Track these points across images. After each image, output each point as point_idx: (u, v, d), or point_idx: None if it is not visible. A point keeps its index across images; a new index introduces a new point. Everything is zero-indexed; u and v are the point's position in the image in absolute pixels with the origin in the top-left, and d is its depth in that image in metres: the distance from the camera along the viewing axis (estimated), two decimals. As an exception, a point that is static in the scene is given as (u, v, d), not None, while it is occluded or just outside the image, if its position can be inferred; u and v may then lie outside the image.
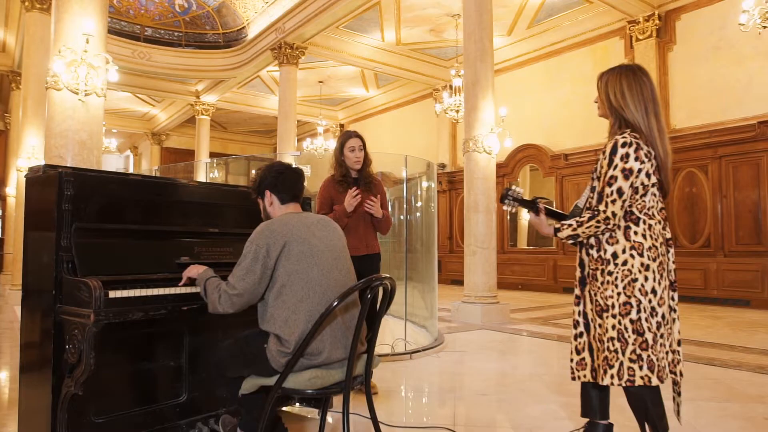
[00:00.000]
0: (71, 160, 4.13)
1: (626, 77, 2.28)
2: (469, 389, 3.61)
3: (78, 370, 1.94)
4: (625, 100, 2.25)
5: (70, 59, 4.08)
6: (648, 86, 2.27)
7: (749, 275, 8.10)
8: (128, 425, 2.30)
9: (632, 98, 2.25)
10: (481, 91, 6.95)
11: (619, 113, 2.27)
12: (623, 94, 2.26)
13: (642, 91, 2.26)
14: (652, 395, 2.16)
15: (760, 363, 4.31)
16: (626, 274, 2.14)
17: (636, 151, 2.16)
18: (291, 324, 1.96)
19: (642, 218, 2.19)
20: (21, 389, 2.26)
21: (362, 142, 3.52)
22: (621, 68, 2.34)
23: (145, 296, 2.06)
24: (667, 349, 2.19)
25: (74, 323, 1.95)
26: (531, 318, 7.13)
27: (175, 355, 2.50)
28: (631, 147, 2.16)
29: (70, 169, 2.15)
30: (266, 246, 1.99)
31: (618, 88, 2.28)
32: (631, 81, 2.27)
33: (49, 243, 2.09)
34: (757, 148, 8.23)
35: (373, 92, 15.65)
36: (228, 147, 20.69)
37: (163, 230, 2.42)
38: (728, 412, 3.11)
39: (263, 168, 2.29)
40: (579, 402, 3.14)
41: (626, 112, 2.25)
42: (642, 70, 2.32)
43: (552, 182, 11.55)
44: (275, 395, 1.98)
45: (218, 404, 2.64)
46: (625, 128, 2.25)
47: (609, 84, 2.32)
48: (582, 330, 2.32)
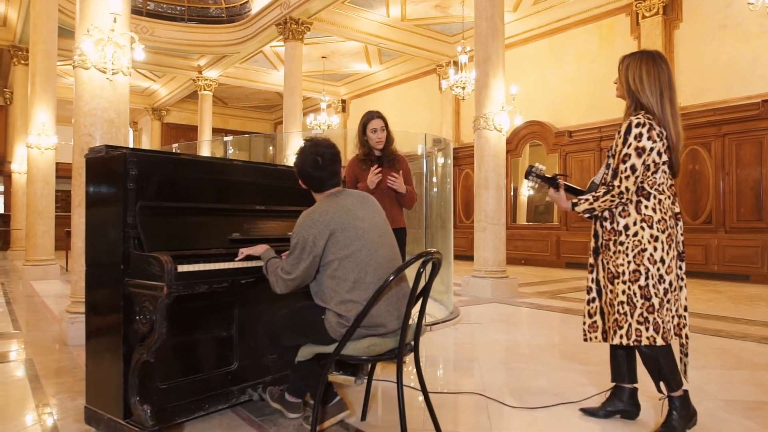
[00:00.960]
0: (100, 138, 4.21)
1: (646, 63, 2.43)
2: (490, 358, 3.79)
3: (150, 339, 2.08)
4: (642, 85, 2.41)
5: (97, 38, 4.13)
6: (666, 73, 2.43)
7: (749, 251, 8.31)
8: (187, 391, 2.45)
9: (649, 84, 2.41)
10: (492, 68, 7.01)
11: (636, 96, 2.43)
12: (641, 79, 2.42)
13: (659, 77, 2.41)
14: (664, 353, 2.36)
15: (764, 334, 4.52)
16: (636, 244, 2.35)
17: (649, 131, 2.33)
18: (348, 303, 2.11)
19: (653, 193, 2.38)
20: (88, 357, 2.41)
21: (384, 122, 3.63)
22: (642, 54, 2.48)
23: (208, 270, 2.19)
24: (674, 314, 2.40)
25: (145, 296, 2.09)
26: (538, 292, 7.33)
27: (226, 326, 2.65)
28: (644, 127, 2.33)
29: (132, 150, 2.26)
30: (312, 237, 2.12)
31: (637, 73, 2.43)
32: (650, 67, 2.42)
33: (115, 220, 2.21)
34: (760, 126, 8.36)
35: (376, 68, 15.59)
36: (228, 122, 20.64)
37: (214, 208, 2.54)
38: (737, 378, 3.30)
39: (299, 154, 2.35)
40: (597, 369, 3.35)
41: (642, 96, 2.41)
42: (662, 57, 2.47)
43: (555, 159, 11.66)
44: (333, 361, 2.13)
45: (264, 372, 2.80)
46: (640, 110, 2.40)
47: (630, 68, 2.47)
48: (594, 296, 2.55)
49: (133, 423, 2.15)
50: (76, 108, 4.25)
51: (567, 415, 2.67)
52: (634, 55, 2.50)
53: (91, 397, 2.36)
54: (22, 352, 3.88)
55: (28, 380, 3.20)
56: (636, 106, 2.45)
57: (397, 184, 3.46)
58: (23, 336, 4.43)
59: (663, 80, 2.41)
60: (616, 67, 2.60)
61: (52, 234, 8.77)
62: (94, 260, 2.36)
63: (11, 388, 3.08)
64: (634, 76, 2.45)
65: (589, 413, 2.66)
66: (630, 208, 2.40)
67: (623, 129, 2.39)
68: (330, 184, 2.31)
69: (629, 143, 2.35)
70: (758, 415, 2.66)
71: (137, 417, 2.14)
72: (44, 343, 4.16)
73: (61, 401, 2.82)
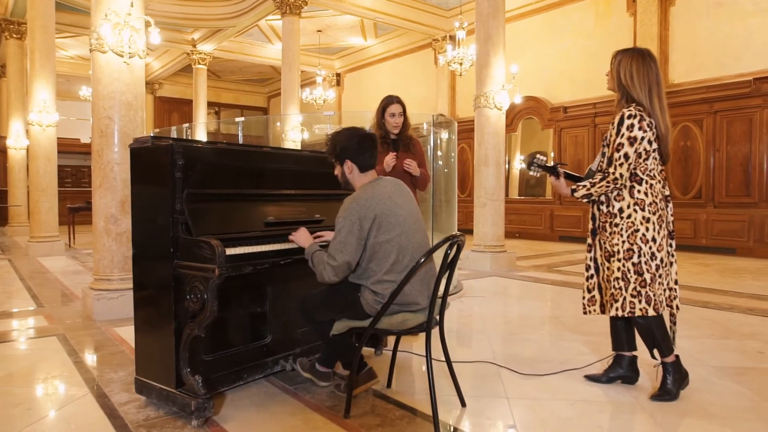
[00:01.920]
0: (119, 120, 4.32)
1: (636, 60, 2.66)
2: (497, 330, 4.05)
3: (201, 316, 2.28)
4: (633, 81, 2.65)
5: (114, 22, 4.21)
6: (654, 71, 2.67)
7: (736, 225, 8.62)
8: (228, 362, 2.67)
9: (639, 80, 2.64)
10: (493, 48, 7.13)
11: (627, 91, 2.67)
12: (632, 76, 2.65)
13: (648, 75, 2.64)
14: (656, 323, 2.64)
15: (750, 306, 4.81)
16: (630, 225, 2.61)
17: (640, 121, 2.57)
18: (384, 283, 2.31)
19: (645, 179, 2.63)
20: (137, 333, 2.60)
21: (403, 107, 3.78)
22: (633, 51, 2.70)
23: (253, 252, 2.38)
24: (665, 287, 2.67)
25: (196, 277, 2.28)
26: (535, 266, 7.60)
27: (261, 302, 2.85)
28: (635, 118, 2.57)
29: (177, 141, 2.42)
30: (359, 220, 2.30)
31: (628, 70, 2.66)
32: (640, 64, 2.65)
33: (164, 207, 2.38)
34: (751, 104, 8.58)
35: (371, 41, 15.55)
36: (221, 96, 20.54)
37: (251, 193, 2.71)
38: (726, 347, 3.58)
39: (341, 134, 2.52)
40: (597, 340, 3.63)
41: (633, 91, 2.65)
42: (651, 55, 2.70)
43: (550, 134, 11.85)
44: (369, 333, 2.35)
45: (294, 344, 3.02)
46: (630, 103, 2.63)
47: (621, 64, 2.70)
48: (593, 273, 2.83)
49: (185, 392, 2.36)
50: (95, 91, 4.35)
51: (572, 381, 2.93)
52: (626, 52, 2.71)
53: (142, 369, 2.56)
54: (53, 328, 4.07)
55: (67, 354, 3.39)
56: (627, 99, 2.68)
57: (412, 168, 3.64)
58: (48, 312, 4.61)
59: (651, 78, 2.64)
60: (611, 43, 2.82)
61: (55, 211, 8.86)
62: (142, 244, 2.53)
63: (54, 361, 3.27)
64: (625, 72, 2.67)
65: (592, 379, 2.92)
66: (624, 193, 2.64)
67: (616, 120, 2.63)
68: (368, 164, 2.48)
69: (622, 133, 2.59)
70: (745, 380, 2.93)
71: (189, 386, 2.35)
72: (71, 318, 4.35)
73: (104, 373, 3.02)
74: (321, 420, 2.41)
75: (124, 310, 4.34)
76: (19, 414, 2.47)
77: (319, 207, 3.01)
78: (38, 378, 2.99)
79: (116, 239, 4.36)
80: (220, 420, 2.39)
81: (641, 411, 2.54)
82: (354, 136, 2.51)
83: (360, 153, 2.48)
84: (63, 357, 3.34)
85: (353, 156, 2.49)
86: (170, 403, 2.42)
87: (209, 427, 2.32)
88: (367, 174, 2.51)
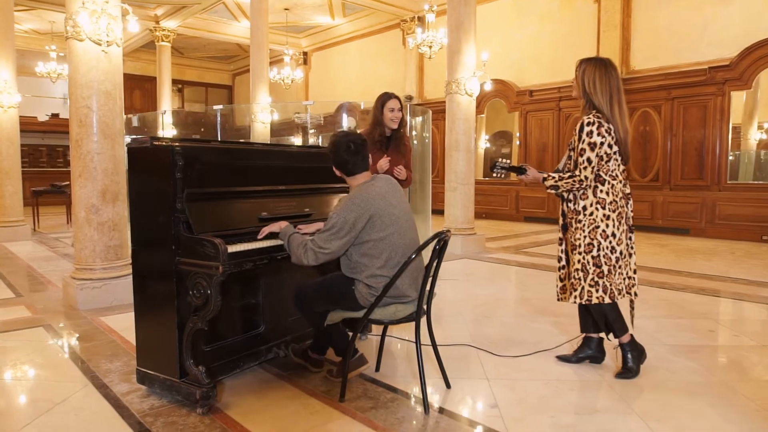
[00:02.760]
0: (98, 109, 4.30)
1: (599, 69, 2.91)
2: (472, 313, 4.29)
3: (205, 310, 2.40)
4: (595, 88, 2.89)
5: (91, 10, 4.16)
6: (615, 79, 2.92)
7: (690, 207, 9.13)
8: (226, 352, 2.80)
9: (601, 88, 2.89)
10: (464, 35, 7.28)
11: (590, 97, 2.91)
12: (594, 84, 2.90)
13: (609, 83, 2.89)
14: (609, 309, 2.94)
15: (701, 286, 5.21)
16: (591, 222, 2.88)
17: (598, 128, 2.83)
18: (378, 277, 2.48)
19: (607, 179, 2.89)
20: (138, 326, 2.70)
21: (401, 104, 3.89)
22: (596, 61, 2.95)
23: (252, 249, 2.51)
24: (624, 276, 2.95)
25: (199, 273, 2.39)
26: (503, 247, 7.91)
27: (254, 294, 2.98)
28: (594, 125, 2.83)
29: (177, 142, 2.50)
30: (353, 219, 2.45)
31: (591, 78, 2.91)
32: (602, 73, 2.90)
33: (164, 206, 2.47)
34: (705, 91, 9.02)
35: (339, 21, 15.43)
36: (185, 73, 20.05)
37: (245, 190, 2.82)
38: (680, 326, 3.91)
39: (331, 144, 2.65)
40: (565, 321, 3.91)
41: (594, 98, 2.90)
42: (612, 64, 2.95)
43: (516, 117, 12.14)
44: (363, 324, 2.53)
45: (285, 332, 3.17)
46: (592, 109, 2.86)
47: (585, 73, 2.94)
48: (564, 264, 3.10)
49: (189, 381, 2.50)
50: (72, 80, 4.31)
51: (545, 361, 3.19)
52: (589, 62, 2.94)
53: (144, 360, 2.67)
54: (38, 318, 4.09)
55: (58, 345, 3.46)
56: (590, 105, 2.92)
57: (401, 175, 3.75)
58: (28, 301, 4.61)
59: (612, 85, 2.88)
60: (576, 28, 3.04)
61: (20, 194, 8.66)
62: (143, 241, 2.61)
63: (46, 353, 3.34)
64: (588, 81, 2.90)
65: (563, 359, 3.18)
66: (588, 192, 2.90)
67: (578, 128, 2.89)
68: (361, 167, 2.62)
69: (583, 139, 2.84)
70: (697, 357, 3.25)
71: (193, 376, 2.48)
72: (53, 308, 4.37)
73: (100, 364, 3.12)
74: (318, 404, 2.58)
75: (108, 298, 4.40)
76: (24, 406, 2.56)
77: (308, 201, 3.14)
78: (34, 370, 3.07)
79: (98, 229, 4.37)
80: (223, 407, 2.54)
81: (607, 388, 2.81)
82: (340, 145, 2.61)
83: (347, 162, 2.61)
84: (54, 348, 3.41)
85: (341, 165, 2.63)
86: (174, 393, 2.55)
87: (213, 414, 2.46)
88: (359, 176, 2.65)
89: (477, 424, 2.41)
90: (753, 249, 7.67)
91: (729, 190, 8.83)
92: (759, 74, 8.54)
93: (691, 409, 2.55)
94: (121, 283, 4.46)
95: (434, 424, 2.41)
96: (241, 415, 2.46)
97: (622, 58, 10.08)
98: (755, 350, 3.42)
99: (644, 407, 2.57)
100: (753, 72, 8.54)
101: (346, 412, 2.50)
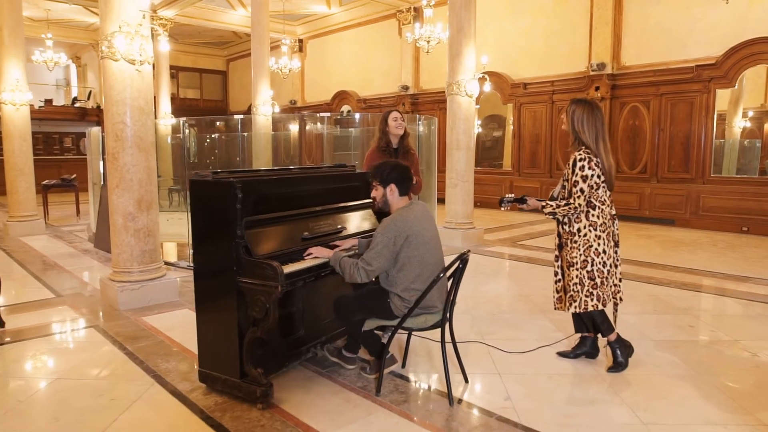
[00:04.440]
0: (132, 124, 4.63)
1: (586, 111, 3.38)
2: (479, 310, 4.74)
3: (265, 323, 2.82)
4: (583, 127, 3.36)
5: (126, 32, 4.47)
6: (600, 119, 3.39)
7: (676, 198, 9.64)
8: (273, 354, 3.22)
9: (588, 127, 3.36)
10: (465, 38, 7.62)
11: (578, 135, 3.38)
12: (582, 123, 3.36)
13: (595, 123, 3.36)
14: (598, 314, 3.44)
15: (684, 281, 5.71)
16: (585, 242, 3.35)
17: (588, 162, 3.30)
18: (410, 291, 2.91)
19: (597, 205, 3.37)
20: (200, 333, 3.10)
21: (402, 115, 4.34)
22: (584, 103, 3.43)
23: (302, 269, 2.92)
24: (611, 284, 3.43)
25: (259, 291, 2.79)
26: (500, 239, 8.37)
27: (296, 302, 3.40)
28: (585, 161, 3.30)
29: (236, 176, 2.89)
30: (393, 237, 2.87)
31: (579, 118, 3.38)
32: (589, 114, 3.37)
33: (226, 233, 2.85)
34: (692, 88, 9.46)
35: (335, 9, 15.61)
36: (179, 59, 20.09)
37: (290, 214, 3.20)
38: (665, 321, 4.40)
39: (390, 164, 3.11)
40: (563, 318, 4.39)
41: (582, 135, 3.38)
42: (597, 106, 3.43)
43: (510, 109, 12.53)
44: (396, 331, 2.97)
45: (320, 334, 3.60)
46: (581, 145, 3.28)
47: (575, 113, 3.41)
48: (560, 278, 3.56)
49: (249, 381, 2.92)
50: (108, 97, 4.63)
51: (547, 356, 3.65)
52: (579, 103, 3.40)
53: (206, 363, 3.09)
54: (87, 319, 4.48)
55: (114, 346, 3.86)
56: (578, 141, 3.37)
57: None
58: (69, 302, 4.98)
59: (597, 125, 3.35)
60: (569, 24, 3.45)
61: (33, 190, 8.94)
62: (206, 261, 3.00)
63: (106, 353, 3.74)
64: (577, 120, 3.37)
65: (563, 355, 3.65)
66: (582, 216, 3.36)
67: (570, 162, 3.36)
68: (405, 191, 3.07)
69: (576, 173, 3.31)
70: (680, 351, 3.74)
71: (252, 377, 2.91)
72: (95, 308, 4.76)
73: (158, 363, 3.53)
74: (358, 398, 3.03)
75: (145, 299, 4.79)
76: (106, 404, 2.97)
77: (340, 218, 3.55)
78: (102, 369, 3.47)
79: (134, 235, 4.74)
80: (278, 402, 2.97)
81: (601, 381, 3.28)
82: (401, 168, 3.09)
83: (402, 181, 3.06)
84: (112, 349, 3.81)
85: (397, 182, 3.04)
86: (235, 391, 2.98)
87: (271, 409, 2.89)
88: (403, 198, 3.08)
89: (494, 414, 2.87)
90: (734, 240, 8.21)
91: (713, 183, 9.35)
92: (743, 73, 8.98)
93: (674, 399, 3.03)
94: (157, 284, 4.86)
95: (459, 415, 2.87)
96: (295, 409, 2.90)
97: (613, 53, 10.47)
98: (729, 345, 3.91)
99: (633, 398, 3.05)
100: (737, 71, 8.98)
101: (383, 405, 2.94)
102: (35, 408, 2.98)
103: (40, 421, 2.82)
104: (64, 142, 19.07)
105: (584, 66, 10.83)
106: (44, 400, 3.08)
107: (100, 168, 8.52)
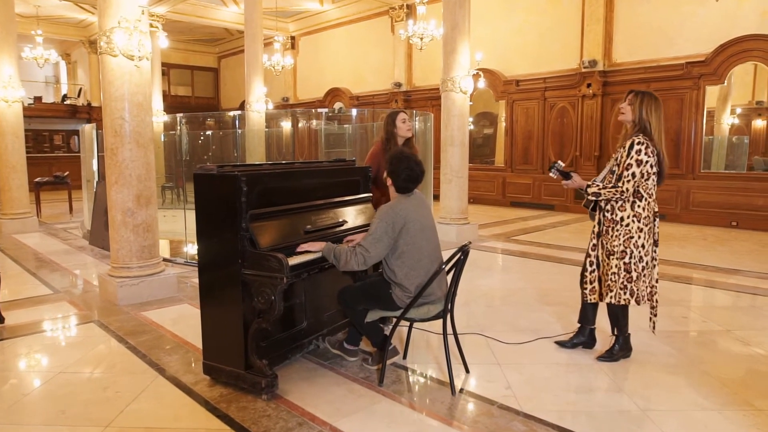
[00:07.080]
0: (131, 120, 4.63)
1: (655, 102, 3.36)
2: (477, 303, 4.80)
3: (269, 313, 2.85)
4: (650, 117, 3.33)
5: (125, 27, 4.47)
6: (662, 111, 3.39)
7: (667, 194, 9.76)
8: (276, 346, 3.26)
9: (656, 117, 3.34)
10: (459, 36, 7.67)
11: (644, 124, 3.34)
12: (651, 113, 3.33)
13: (660, 115, 3.37)
14: (622, 310, 3.45)
15: (676, 274, 5.81)
16: (627, 232, 3.34)
17: (646, 148, 3.28)
18: (410, 277, 2.97)
19: (645, 196, 3.35)
20: (204, 325, 3.12)
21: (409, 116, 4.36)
22: (651, 94, 3.39)
23: (306, 261, 2.96)
24: (647, 284, 3.42)
25: (264, 283, 2.83)
26: (494, 234, 8.45)
27: (298, 295, 3.44)
28: (642, 145, 3.27)
29: (240, 170, 2.92)
30: (392, 224, 2.92)
31: (650, 108, 3.34)
32: (658, 105, 3.37)
33: (231, 225, 2.89)
34: (682, 85, 9.59)
35: (327, 6, 15.60)
36: (171, 56, 19.95)
37: (293, 207, 3.24)
38: (660, 312, 4.44)
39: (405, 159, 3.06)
40: (559, 309, 4.45)
41: (649, 124, 3.32)
42: (659, 99, 3.38)
43: (503, 105, 12.62)
44: (399, 322, 3.02)
45: (322, 326, 3.65)
46: (640, 132, 3.29)
47: (644, 103, 3.35)
48: (595, 268, 3.53)
49: (254, 373, 2.96)
50: (106, 93, 4.64)
51: (546, 347, 3.72)
52: (646, 94, 3.37)
53: (210, 355, 3.12)
54: (86, 314, 4.49)
55: (115, 340, 3.87)
56: (640, 129, 3.33)
57: None
58: (68, 298, 4.98)
59: (661, 117, 3.37)
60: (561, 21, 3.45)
61: (26, 187, 8.89)
62: (211, 254, 3.03)
63: (108, 347, 3.76)
64: (647, 110, 3.32)
65: (560, 345, 3.72)
66: (626, 205, 3.33)
67: (627, 145, 3.31)
68: (411, 188, 3.10)
69: (631, 156, 3.27)
70: (672, 341, 3.82)
71: (257, 368, 2.94)
72: (95, 303, 4.77)
73: (161, 357, 3.55)
74: (362, 389, 3.07)
75: (144, 294, 4.81)
76: (111, 396, 3.00)
77: (341, 212, 3.59)
78: (106, 363, 3.49)
79: (133, 230, 4.75)
80: (282, 393, 3.01)
81: (599, 370, 3.35)
82: (410, 168, 3.05)
83: (404, 181, 3.07)
84: (113, 343, 3.83)
85: (395, 179, 3.08)
86: (240, 382, 3.01)
87: (276, 399, 2.93)
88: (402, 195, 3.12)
89: (495, 403, 2.92)
90: (723, 234, 8.35)
91: (702, 179, 9.48)
92: (732, 70, 9.12)
93: (669, 386, 3.11)
94: (156, 280, 4.88)
95: (461, 403, 2.92)
96: (299, 399, 2.94)
97: (604, 50, 10.57)
98: (721, 334, 4.00)
99: (630, 386, 3.12)
100: (726, 68, 9.12)
101: (387, 395, 2.99)
102: (41, 402, 3.00)
103: (47, 414, 2.84)
104: (54, 140, 18.94)
105: (576, 63, 10.93)
106: (49, 393, 3.09)
107: (94, 165, 8.49)
